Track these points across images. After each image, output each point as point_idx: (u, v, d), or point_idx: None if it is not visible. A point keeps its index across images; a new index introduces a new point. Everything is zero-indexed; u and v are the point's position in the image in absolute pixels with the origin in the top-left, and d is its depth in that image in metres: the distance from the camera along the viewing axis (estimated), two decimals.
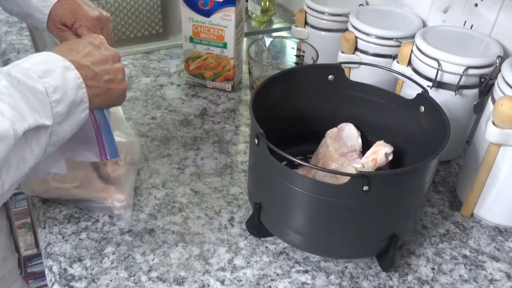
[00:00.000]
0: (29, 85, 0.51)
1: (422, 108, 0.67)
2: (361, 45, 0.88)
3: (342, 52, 0.90)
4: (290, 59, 0.95)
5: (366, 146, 0.73)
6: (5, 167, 0.48)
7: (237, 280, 0.63)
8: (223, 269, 0.64)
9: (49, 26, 0.77)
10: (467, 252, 0.69)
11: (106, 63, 0.62)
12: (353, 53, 0.89)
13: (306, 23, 1.02)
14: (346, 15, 0.94)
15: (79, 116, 0.57)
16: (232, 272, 0.64)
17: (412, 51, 0.78)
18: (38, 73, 0.53)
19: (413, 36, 0.81)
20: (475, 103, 0.75)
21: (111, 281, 0.62)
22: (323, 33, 1.00)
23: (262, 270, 0.64)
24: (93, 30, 0.73)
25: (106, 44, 0.65)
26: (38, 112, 0.51)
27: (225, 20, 0.92)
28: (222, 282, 0.62)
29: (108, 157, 0.64)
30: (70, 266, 0.63)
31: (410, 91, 0.75)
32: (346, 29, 0.90)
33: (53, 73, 0.54)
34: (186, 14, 0.93)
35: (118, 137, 0.75)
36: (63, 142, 0.57)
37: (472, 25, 0.83)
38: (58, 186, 0.70)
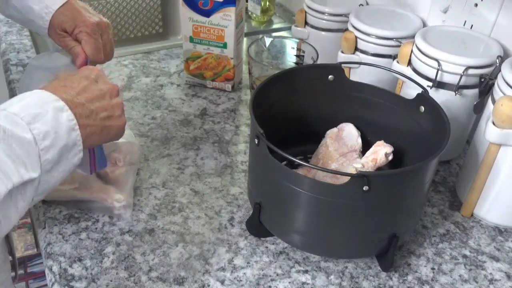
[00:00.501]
0: (16, 135, 0.48)
1: (422, 108, 0.67)
2: (361, 45, 0.88)
3: (342, 52, 0.90)
4: (290, 59, 0.95)
5: (366, 146, 0.73)
6: None
7: (237, 280, 0.63)
8: (223, 269, 0.64)
9: (50, 32, 0.77)
10: (467, 252, 0.69)
11: (103, 98, 0.60)
12: (353, 53, 0.89)
13: (306, 23, 1.02)
14: (346, 15, 0.94)
15: (72, 161, 0.55)
16: (232, 272, 0.64)
17: (412, 51, 0.78)
18: (27, 118, 0.50)
19: (413, 36, 0.81)
20: (475, 103, 0.75)
21: (111, 281, 0.62)
22: (323, 33, 1.00)
23: (262, 270, 0.64)
24: (93, 36, 0.73)
25: (104, 77, 0.63)
26: (24, 165, 0.48)
27: (225, 20, 0.92)
28: (222, 282, 0.62)
29: (96, 170, 0.64)
30: (70, 266, 0.63)
31: (410, 91, 0.75)
32: (346, 29, 0.90)
33: (43, 117, 0.51)
34: (186, 14, 0.93)
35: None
36: (53, 188, 0.55)
37: (472, 25, 0.83)
38: (58, 187, 0.70)
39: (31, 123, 0.50)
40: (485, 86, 0.73)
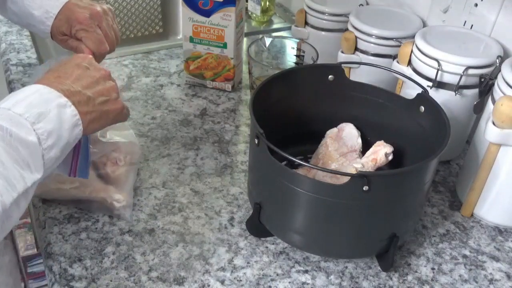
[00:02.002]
0: (21, 138, 0.49)
1: (422, 108, 0.67)
2: (361, 45, 0.88)
3: (342, 52, 0.90)
4: (290, 59, 0.95)
5: (366, 146, 0.73)
6: None
7: (237, 280, 0.63)
8: (223, 269, 0.64)
9: (53, 37, 0.77)
10: (467, 252, 0.69)
11: (98, 83, 0.60)
12: (353, 53, 0.89)
13: (306, 23, 1.02)
14: (346, 15, 0.94)
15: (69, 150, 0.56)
16: (232, 272, 0.64)
17: (412, 51, 0.78)
18: (31, 119, 0.51)
19: (413, 36, 0.81)
20: (475, 103, 0.75)
21: (111, 281, 0.62)
22: (323, 33, 1.00)
23: (262, 270, 0.64)
24: (90, 30, 0.73)
25: (95, 64, 0.63)
26: (29, 167, 0.50)
27: (225, 20, 0.92)
28: (222, 282, 0.62)
29: (76, 176, 0.64)
30: (70, 266, 0.63)
31: (410, 91, 0.75)
32: (346, 29, 0.90)
33: (47, 116, 0.52)
34: (186, 14, 0.93)
35: (118, 137, 0.75)
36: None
37: (472, 25, 0.83)
38: (58, 187, 0.70)
39: (35, 123, 0.51)
40: (485, 86, 0.73)
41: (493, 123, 0.65)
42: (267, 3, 1.27)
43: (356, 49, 0.89)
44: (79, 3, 0.76)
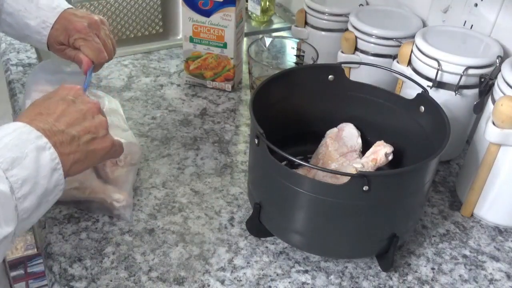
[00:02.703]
0: None
1: (422, 108, 0.67)
2: (361, 45, 0.88)
3: (342, 52, 0.90)
4: (290, 59, 0.95)
5: (366, 146, 0.73)
6: None
7: (237, 280, 0.63)
8: (223, 269, 0.64)
9: (50, 47, 0.77)
10: (467, 252, 0.69)
11: (84, 119, 0.55)
12: (353, 53, 0.89)
13: (306, 23, 1.02)
14: (346, 15, 0.94)
15: (52, 202, 0.52)
16: (232, 272, 0.64)
17: (412, 51, 0.78)
18: (5, 164, 0.46)
19: (413, 36, 0.81)
20: (475, 103, 0.75)
21: (111, 281, 0.62)
22: (323, 33, 1.00)
23: (262, 270, 0.64)
24: (88, 39, 0.73)
25: (83, 96, 0.58)
26: None
27: (225, 20, 0.92)
28: (222, 282, 0.62)
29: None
30: (70, 266, 0.63)
31: (410, 91, 0.75)
32: (346, 29, 0.90)
33: (23, 161, 0.47)
34: (186, 14, 0.93)
35: (118, 137, 0.75)
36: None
37: (472, 25, 0.83)
38: None
39: (9, 169, 0.46)
40: (485, 86, 0.73)
41: (493, 123, 0.65)
42: (267, 3, 1.27)
43: (356, 49, 0.89)
44: (76, 13, 0.76)
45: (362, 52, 0.88)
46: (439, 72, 0.74)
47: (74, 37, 0.73)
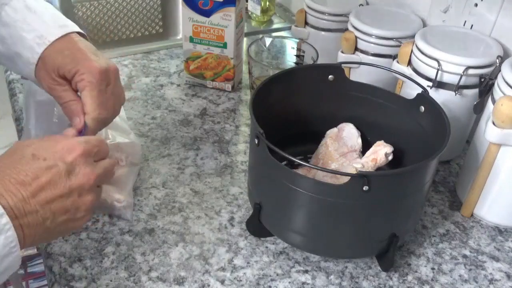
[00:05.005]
0: None
1: (422, 108, 0.67)
2: (361, 45, 0.88)
3: (342, 52, 0.90)
4: (290, 59, 0.95)
5: (366, 146, 0.73)
6: None
7: (237, 280, 0.63)
8: (223, 269, 0.64)
9: (38, 73, 0.61)
10: (467, 252, 0.69)
11: (68, 197, 0.49)
12: (353, 53, 0.89)
13: (306, 23, 1.02)
14: (346, 15, 0.94)
15: (1, 281, 0.46)
16: (232, 272, 0.64)
17: (412, 51, 0.78)
18: None
19: (413, 36, 0.81)
20: (475, 103, 0.75)
21: (111, 281, 0.62)
22: (323, 33, 1.00)
23: (262, 270, 0.64)
24: (98, 87, 0.59)
25: (82, 164, 0.51)
26: None
27: (225, 20, 0.92)
28: (222, 282, 0.62)
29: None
30: (70, 266, 0.63)
31: (410, 91, 0.75)
32: (346, 29, 0.90)
33: None
34: (186, 14, 0.93)
35: (119, 138, 0.75)
36: None
37: (472, 25, 0.83)
38: None
39: None
40: (485, 86, 0.73)
41: (493, 123, 0.65)
42: (267, 3, 1.27)
43: (356, 49, 0.89)
44: (92, 49, 0.61)
45: (362, 52, 0.88)
46: (439, 72, 0.74)
47: (82, 76, 0.58)
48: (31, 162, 0.48)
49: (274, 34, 1.22)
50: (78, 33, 0.63)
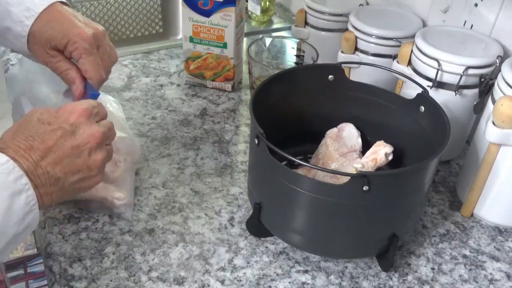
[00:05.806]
0: None
1: (422, 108, 0.67)
2: (361, 45, 0.88)
3: (342, 52, 0.90)
4: (290, 59, 0.95)
5: (366, 146, 0.73)
6: None
7: (237, 280, 0.63)
8: (223, 269, 0.64)
9: (32, 47, 0.63)
10: (467, 252, 0.69)
11: (79, 156, 0.51)
12: (353, 53, 0.89)
13: (306, 23, 1.02)
14: (346, 15, 0.94)
15: (21, 242, 0.49)
16: (232, 272, 0.64)
17: (412, 51, 0.78)
18: None
19: (413, 36, 0.81)
20: (475, 103, 0.75)
21: (111, 281, 0.62)
22: (323, 33, 1.00)
23: (262, 270, 0.64)
24: (92, 52, 0.61)
25: (86, 123, 0.53)
26: None
27: (225, 20, 0.92)
28: (222, 282, 0.62)
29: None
30: (70, 266, 0.63)
31: (410, 91, 0.75)
32: (346, 29, 0.90)
33: None
34: (186, 14, 0.93)
35: (118, 138, 0.75)
36: None
37: (472, 25, 0.83)
38: None
39: None
40: (485, 86, 0.73)
41: (493, 123, 0.65)
42: (267, 3, 1.27)
43: (356, 49, 0.89)
44: (76, 15, 0.63)
45: (362, 52, 0.88)
46: (439, 72, 0.74)
47: (75, 45, 0.60)
48: (36, 127, 0.51)
49: (274, 34, 1.22)
50: (61, 2, 0.64)
